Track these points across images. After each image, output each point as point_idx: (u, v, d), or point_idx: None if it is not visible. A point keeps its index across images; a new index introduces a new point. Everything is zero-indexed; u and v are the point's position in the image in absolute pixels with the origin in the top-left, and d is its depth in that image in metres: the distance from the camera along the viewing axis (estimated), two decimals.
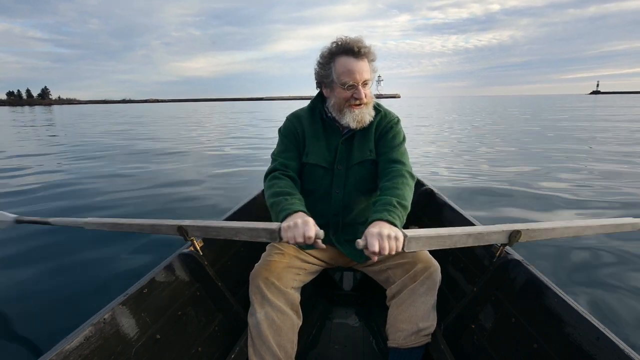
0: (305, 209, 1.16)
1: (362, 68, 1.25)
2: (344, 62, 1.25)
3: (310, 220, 1.09)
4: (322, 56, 1.29)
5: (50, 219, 1.51)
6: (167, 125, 17.81)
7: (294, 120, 1.41)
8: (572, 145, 8.29)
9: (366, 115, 1.31)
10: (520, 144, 8.72)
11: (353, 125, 1.30)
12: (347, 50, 1.24)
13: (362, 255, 1.34)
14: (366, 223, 1.21)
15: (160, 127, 16.63)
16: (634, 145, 8.19)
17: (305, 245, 1.34)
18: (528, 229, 1.12)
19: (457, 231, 1.10)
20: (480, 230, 1.12)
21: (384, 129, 1.36)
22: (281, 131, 1.42)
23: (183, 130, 14.97)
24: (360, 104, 1.28)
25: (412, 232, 1.07)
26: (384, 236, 1.02)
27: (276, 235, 1.10)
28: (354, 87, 1.26)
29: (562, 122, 15.20)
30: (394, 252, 1.04)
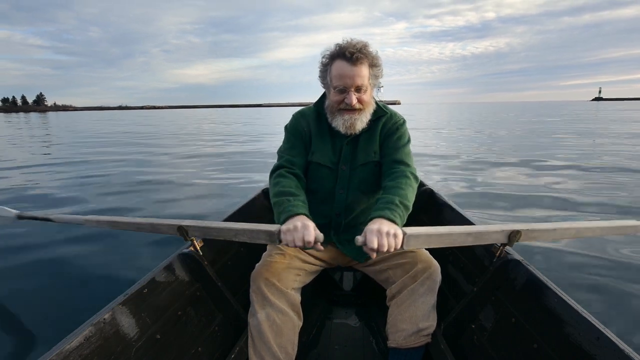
0: (307, 212, 1.15)
1: (355, 73, 1.22)
2: (338, 65, 1.24)
3: (311, 224, 1.08)
4: (323, 57, 1.30)
5: (52, 215, 1.51)
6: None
7: (300, 118, 1.42)
8: None
9: (358, 121, 1.29)
10: None
11: (342, 130, 1.31)
12: (342, 54, 1.23)
13: (363, 255, 1.35)
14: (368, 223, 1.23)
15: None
16: None
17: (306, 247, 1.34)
18: (528, 229, 1.12)
19: (457, 230, 1.10)
20: (480, 230, 1.12)
21: (390, 129, 1.36)
22: (287, 128, 1.43)
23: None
24: (352, 110, 1.27)
25: (412, 229, 1.06)
26: (383, 233, 1.01)
27: (275, 238, 1.10)
28: (345, 91, 1.25)
29: None
30: (392, 250, 1.02)
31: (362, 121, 1.31)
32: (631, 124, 17.36)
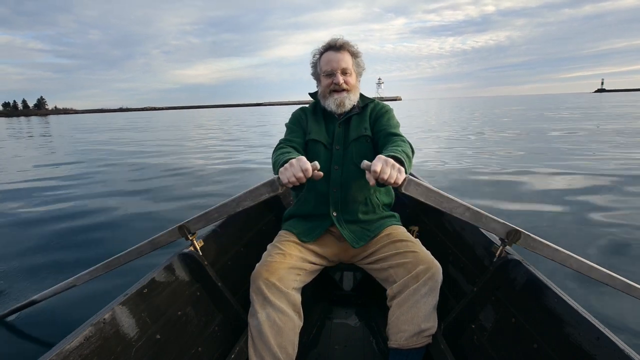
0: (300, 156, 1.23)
1: (340, 58, 1.46)
2: (326, 55, 1.49)
3: (303, 157, 1.16)
4: (314, 55, 1.54)
5: (36, 296, 1.42)
6: None
7: (299, 111, 1.63)
8: None
9: (346, 99, 1.48)
10: None
11: (334, 108, 1.49)
12: (328, 46, 1.49)
13: (360, 239, 1.40)
14: (366, 203, 1.44)
15: None
16: None
17: (307, 237, 1.40)
18: (529, 236, 1.12)
19: (457, 200, 1.12)
20: (480, 212, 1.13)
21: (379, 112, 1.54)
22: (287, 124, 1.61)
23: None
24: (340, 90, 1.47)
25: (414, 178, 1.10)
26: (389, 163, 1.07)
27: (276, 184, 1.16)
28: (333, 74, 1.46)
29: None
30: (392, 181, 1.06)
31: (350, 99, 1.49)
32: None
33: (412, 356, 1.21)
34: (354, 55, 1.50)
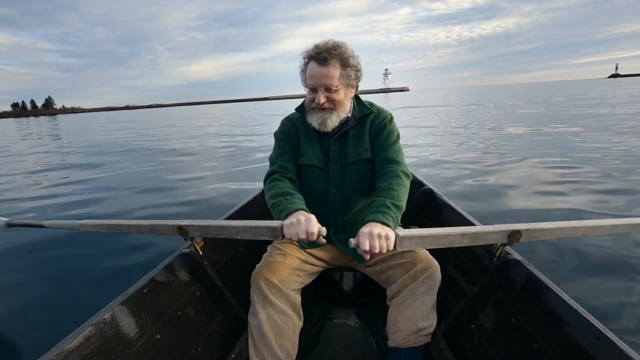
0: (306, 208, 1.18)
1: (323, 73, 1.25)
2: (310, 66, 1.29)
3: (313, 217, 1.12)
4: (304, 58, 1.32)
5: (44, 222, 1.46)
6: None
7: (287, 123, 1.45)
8: None
9: (328, 120, 1.32)
10: None
11: (316, 127, 1.34)
12: (312, 56, 1.27)
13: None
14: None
15: None
16: None
17: (307, 244, 1.35)
18: (529, 229, 1.11)
19: (453, 231, 1.10)
20: (476, 230, 1.12)
21: (378, 127, 1.38)
22: (277, 135, 1.45)
23: None
24: (323, 109, 1.30)
25: (405, 231, 1.08)
26: (375, 235, 1.04)
27: (278, 233, 1.12)
28: (315, 90, 1.29)
29: None
30: (384, 251, 1.05)
31: (332, 120, 1.32)
32: None
33: (411, 355, 1.21)
34: (344, 64, 1.27)
